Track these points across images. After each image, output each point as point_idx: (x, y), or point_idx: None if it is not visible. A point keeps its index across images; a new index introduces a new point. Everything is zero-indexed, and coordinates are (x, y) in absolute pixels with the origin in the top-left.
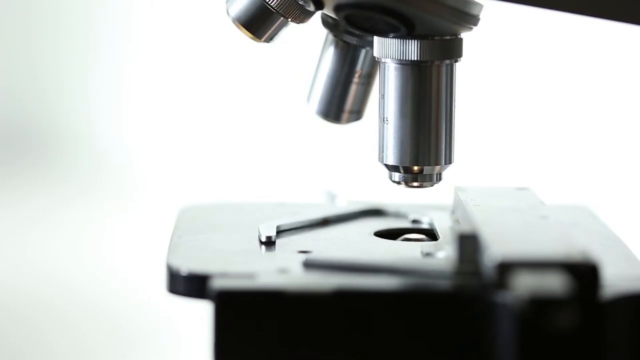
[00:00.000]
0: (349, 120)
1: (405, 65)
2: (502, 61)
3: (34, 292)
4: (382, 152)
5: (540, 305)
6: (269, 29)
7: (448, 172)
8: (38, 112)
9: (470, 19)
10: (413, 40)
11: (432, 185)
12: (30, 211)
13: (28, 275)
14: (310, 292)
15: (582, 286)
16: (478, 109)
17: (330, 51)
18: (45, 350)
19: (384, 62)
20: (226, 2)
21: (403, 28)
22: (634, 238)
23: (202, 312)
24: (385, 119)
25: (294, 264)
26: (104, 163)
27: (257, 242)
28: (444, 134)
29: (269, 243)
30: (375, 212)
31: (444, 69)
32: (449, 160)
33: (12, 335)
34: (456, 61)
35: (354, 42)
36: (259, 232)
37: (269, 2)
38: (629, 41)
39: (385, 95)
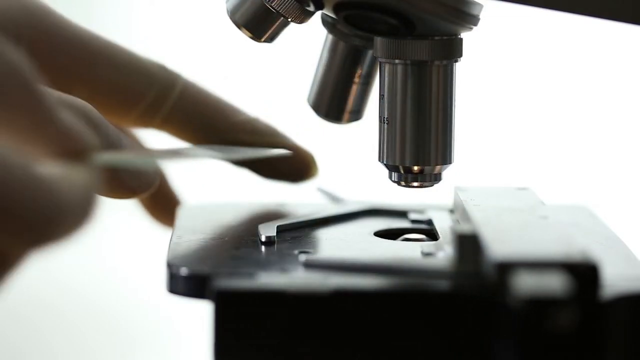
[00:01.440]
0: (349, 120)
1: (405, 65)
2: (502, 61)
3: (34, 292)
4: (382, 152)
5: (540, 305)
6: (269, 29)
7: (448, 172)
8: None
9: (470, 19)
10: (413, 40)
11: (432, 185)
12: None
13: (28, 275)
14: (310, 292)
15: (582, 286)
16: (478, 109)
17: (331, 51)
18: (45, 350)
19: (384, 62)
20: (226, 2)
21: (403, 28)
22: (634, 238)
23: (202, 312)
24: (385, 119)
25: (294, 264)
26: None
27: (257, 242)
28: (443, 134)
29: (269, 243)
30: (375, 212)
31: (443, 69)
32: (449, 160)
33: (12, 335)
34: (456, 61)
35: (354, 42)
36: (259, 232)
37: (269, 2)
38: (629, 41)
39: (385, 95)
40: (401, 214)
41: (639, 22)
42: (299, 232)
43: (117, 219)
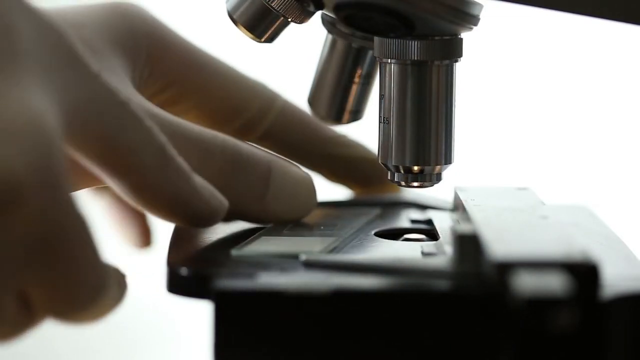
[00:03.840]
0: (349, 120)
1: (405, 65)
2: (502, 61)
3: None
4: (382, 152)
5: (540, 305)
6: (269, 29)
7: (448, 172)
8: None
9: (470, 19)
10: (413, 40)
11: (432, 185)
12: None
13: None
14: (310, 292)
15: (582, 286)
16: (478, 109)
17: (331, 51)
18: (46, 350)
19: (384, 62)
20: (226, 3)
21: (403, 28)
22: (634, 238)
23: (202, 312)
24: (385, 119)
25: (294, 264)
26: None
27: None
28: (444, 134)
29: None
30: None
31: (444, 69)
32: (449, 160)
33: None
34: (456, 61)
35: (354, 42)
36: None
37: (269, 2)
38: (629, 41)
39: (385, 95)
40: (431, 206)
41: (639, 22)
42: (299, 232)
43: None
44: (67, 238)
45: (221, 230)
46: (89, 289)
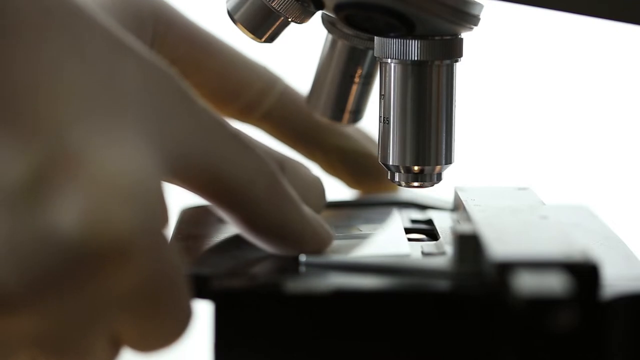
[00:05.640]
0: (349, 120)
1: (406, 65)
2: (502, 61)
3: None
4: (383, 152)
5: (540, 305)
6: (269, 29)
7: (448, 172)
8: None
9: (470, 19)
10: (413, 40)
11: (432, 185)
12: None
13: None
14: (310, 292)
15: (582, 286)
16: (478, 109)
17: (331, 51)
18: None
19: (384, 62)
20: (227, 3)
21: (403, 28)
22: (634, 238)
23: (202, 312)
24: (385, 119)
25: (294, 264)
26: None
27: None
28: (444, 134)
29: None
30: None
31: (444, 69)
32: (449, 160)
33: None
34: (456, 61)
35: (355, 42)
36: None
37: (269, 2)
38: (629, 41)
39: (386, 95)
40: (429, 205)
41: (639, 22)
42: None
43: None
44: (166, 287)
45: (222, 231)
46: (178, 326)
